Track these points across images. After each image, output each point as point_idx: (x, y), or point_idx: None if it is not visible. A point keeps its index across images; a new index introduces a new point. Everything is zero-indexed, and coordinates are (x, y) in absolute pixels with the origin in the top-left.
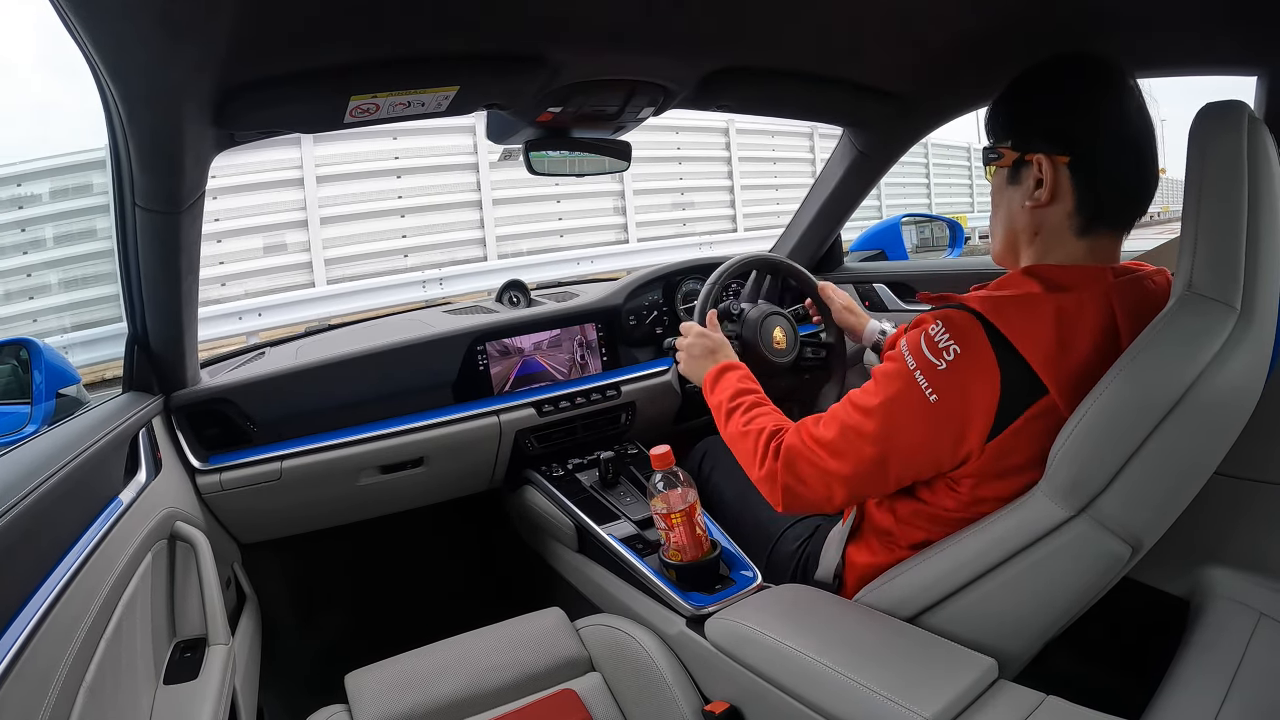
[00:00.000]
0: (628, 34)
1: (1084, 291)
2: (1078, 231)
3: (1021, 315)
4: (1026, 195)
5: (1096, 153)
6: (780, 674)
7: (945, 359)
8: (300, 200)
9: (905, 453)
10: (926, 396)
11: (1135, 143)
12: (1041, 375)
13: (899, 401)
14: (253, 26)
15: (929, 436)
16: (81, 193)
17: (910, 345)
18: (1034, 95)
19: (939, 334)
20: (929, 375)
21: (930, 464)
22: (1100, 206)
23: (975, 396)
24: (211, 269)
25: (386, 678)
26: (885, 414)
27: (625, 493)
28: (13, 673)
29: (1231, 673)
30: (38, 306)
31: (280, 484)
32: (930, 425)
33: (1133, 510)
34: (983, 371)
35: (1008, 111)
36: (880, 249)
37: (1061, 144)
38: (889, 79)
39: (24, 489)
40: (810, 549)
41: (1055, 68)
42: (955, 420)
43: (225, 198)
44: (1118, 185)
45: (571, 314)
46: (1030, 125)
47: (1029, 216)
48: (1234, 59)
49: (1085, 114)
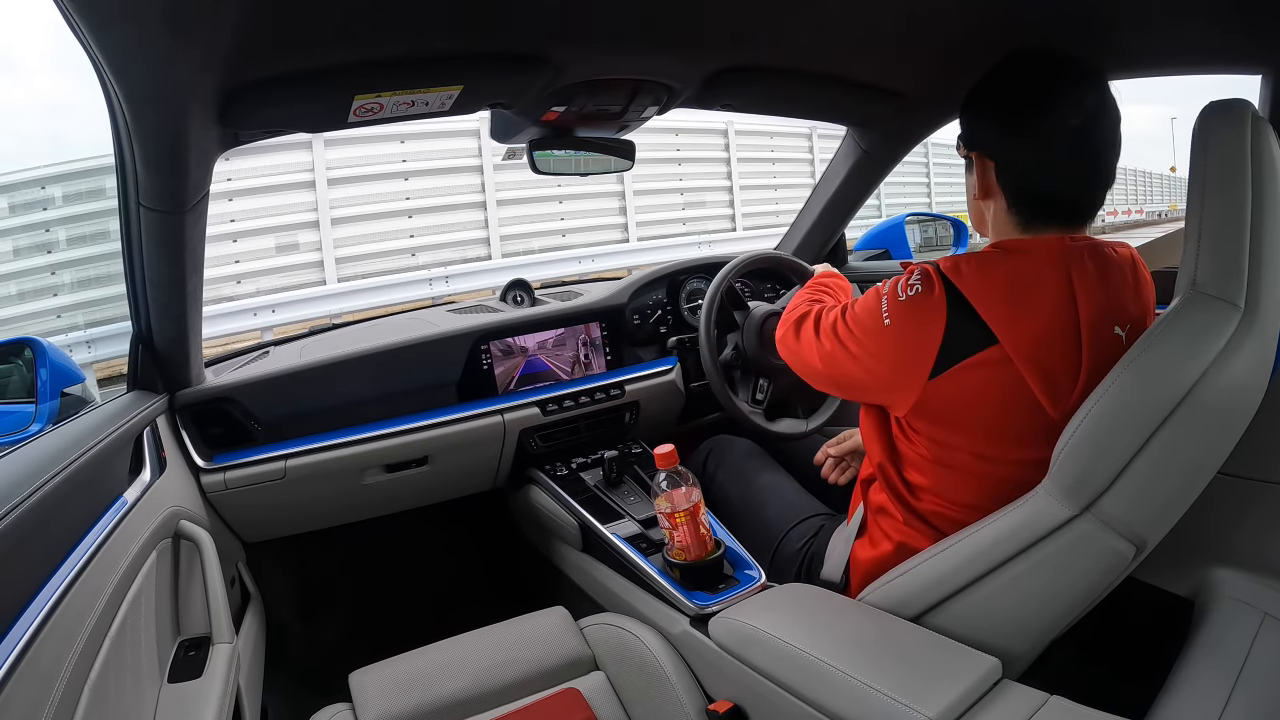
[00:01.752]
0: (631, 34)
1: (1039, 254)
2: (1019, 227)
3: (974, 271)
4: (973, 188)
5: (1016, 157)
6: (784, 673)
7: (906, 294)
8: (312, 202)
9: (860, 360)
10: (883, 320)
11: (1074, 144)
12: (990, 324)
13: (865, 320)
14: (256, 26)
15: (879, 353)
16: (95, 196)
17: (889, 282)
18: (980, 95)
19: (912, 278)
20: (891, 305)
21: (880, 383)
22: (1035, 206)
23: (921, 331)
24: (227, 268)
25: (390, 676)
26: (856, 325)
27: (629, 492)
28: (17, 670)
29: (1235, 673)
30: (63, 303)
31: (284, 483)
32: (881, 344)
33: (1137, 509)
34: (931, 312)
35: (965, 106)
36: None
37: (988, 147)
38: (892, 78)
39: (28, 488)
40: (814, 548)
41: (1005, 67)
42: (900, 346)
43: (240, 200)
44: (1050, 187)
45: (575, 313)
46: (971, 124)
47: (977, 207)
48: (1238, 58)
49: (1012, 119)
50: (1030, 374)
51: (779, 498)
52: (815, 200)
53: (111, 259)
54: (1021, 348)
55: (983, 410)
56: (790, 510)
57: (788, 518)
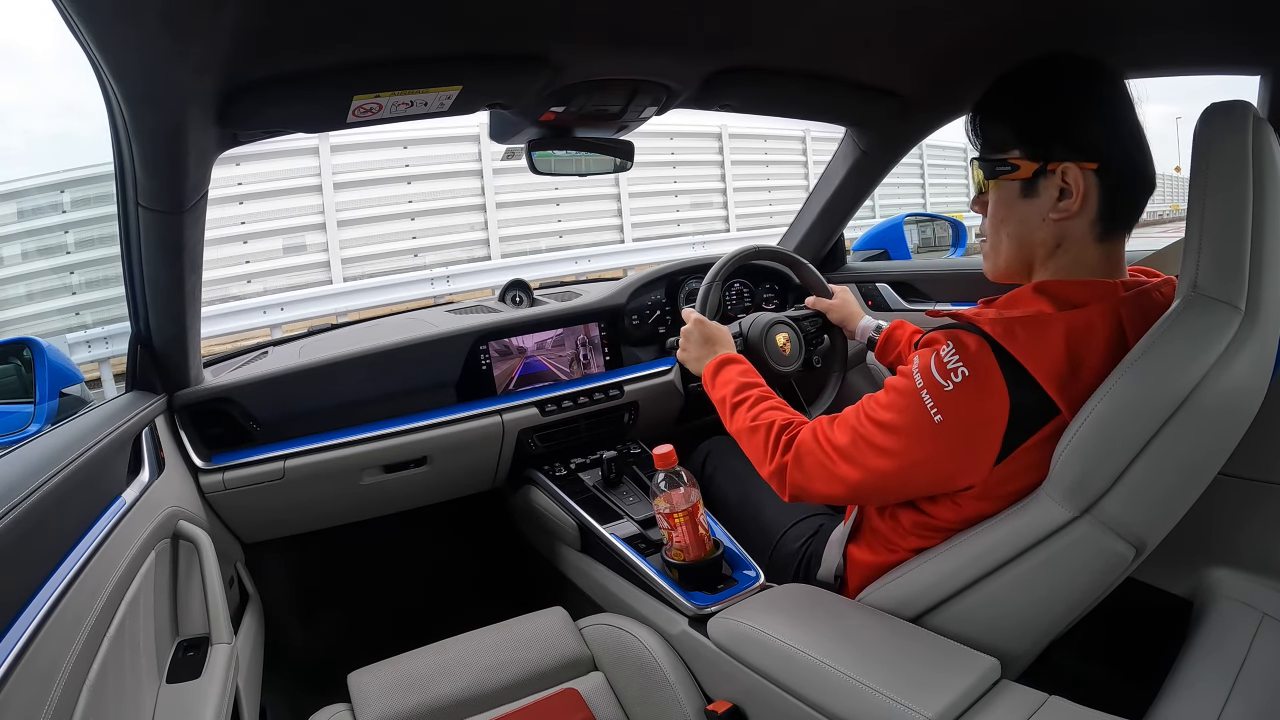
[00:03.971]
0: (630, 34)
1: (1094, 307)
2: (1099, 238)
3: (1031, 336)
4: (1049, 207)
5: (1119, 155)
6: (783, 674)
7: (953, 380)
8: (319, 205)
9: (910, 470)
10: (932, 417)
11: (1142, 138)
12: (1053, 396)
13: (906, 420)
14: (255, 27)
15: (934, 455)
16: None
17: (920, 365)
18: (1044, 100)
19: (949, 355)
20: (936, 396)
21: (935, 483)
22: (1121, 210)
23: (983, 419)
24: (237, 268)
25: (389, 677)
26: (894, 430)
27: (628, 492)
28: (16, 671)
29: (1234, 673)
30: (78, 301)
31: (283, 483)
32: (935, 446)
33: (1136, 511)
34: (991, 394)
35: (1015, 118)
36: (883, 248)
37: (1088, 150)
38: (891, 78)
39: (27, 488)
40: (813, 548)
41: (1054, 69)
42: (961, 442)
43: (250, 203)
44: (1136, 186)
45: (574, 313)
46: (1049, 132)
47: (1052, 229)
48: (1237, 59)
49: (1105, 116)
50: None
51: (777, 498)
52: (814, 201)
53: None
54: (1078, 411)
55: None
56: (788, 510)
57: (786, 518)
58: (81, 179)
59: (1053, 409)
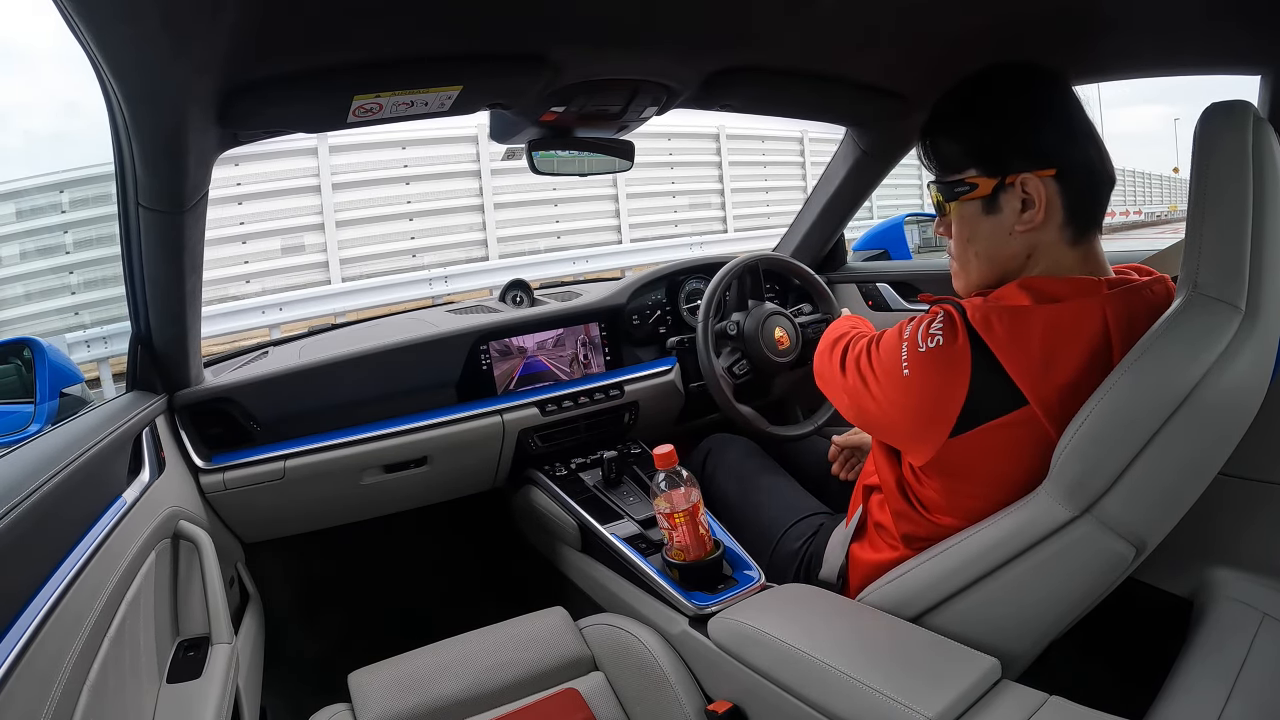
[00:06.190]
0: (630, 34)
1: (1076, 303)
2: (1070, 242)
3: (1006, 326)
4: (1014, 220)
5: (1075, 157)
6: (783, 673)
7: (927, 345)
8: (318, 205)
9: (878, 406)
10: (902, 369)
11: (1094, 134)
12: (1022, 387)
13: (882, 361)
14: (255, 27)
15: (894, 402)
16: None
17: (912, 324)
18: (991, 114)
19: (934, 324)
20: (911, 353)
21: (897, 429)
22: (1086, 210)
23: (942, 388)
24: (237, 268)
25: (389, 677)
26: (873, 365)
27: (628, 492)
28: (16, 670)
29: (1235, 674)
30: (78, 301)
31: (283, 483)
32: (895, 393)
33: (1137, 511)
34: (955, 370)
35: (965, 136)
36: (883, 248)
37: (1043, 158)
38: (892, 78)
39: (27, 488)
40: (813, 548)
41: (994, 81)
42: (917, 400)
43: (249, 203)
44: (1097, 184)
45: (574, 313)
46: (1002, 146)
47: (1021, 241)
48: (1237, 58)
49: (1054, 120)
50: (1059, 432)
51: (778, 497)
52: (814, 201)
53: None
54: (1052, 407)
55: (1005, 466)
56: (789, 510)
57: (786, 517)
58: (81, 179)
59: (1019, 399)
